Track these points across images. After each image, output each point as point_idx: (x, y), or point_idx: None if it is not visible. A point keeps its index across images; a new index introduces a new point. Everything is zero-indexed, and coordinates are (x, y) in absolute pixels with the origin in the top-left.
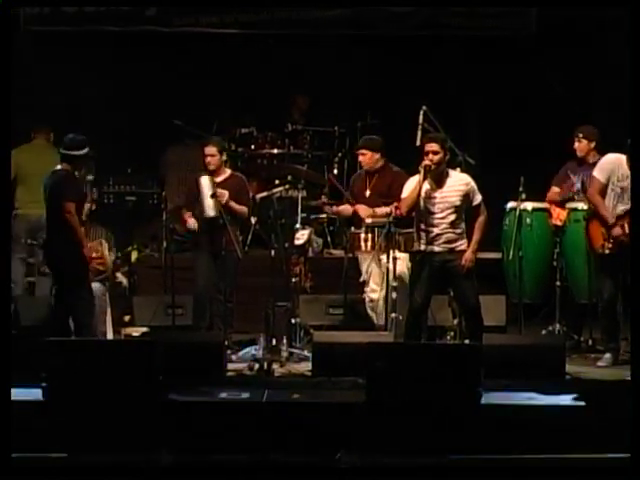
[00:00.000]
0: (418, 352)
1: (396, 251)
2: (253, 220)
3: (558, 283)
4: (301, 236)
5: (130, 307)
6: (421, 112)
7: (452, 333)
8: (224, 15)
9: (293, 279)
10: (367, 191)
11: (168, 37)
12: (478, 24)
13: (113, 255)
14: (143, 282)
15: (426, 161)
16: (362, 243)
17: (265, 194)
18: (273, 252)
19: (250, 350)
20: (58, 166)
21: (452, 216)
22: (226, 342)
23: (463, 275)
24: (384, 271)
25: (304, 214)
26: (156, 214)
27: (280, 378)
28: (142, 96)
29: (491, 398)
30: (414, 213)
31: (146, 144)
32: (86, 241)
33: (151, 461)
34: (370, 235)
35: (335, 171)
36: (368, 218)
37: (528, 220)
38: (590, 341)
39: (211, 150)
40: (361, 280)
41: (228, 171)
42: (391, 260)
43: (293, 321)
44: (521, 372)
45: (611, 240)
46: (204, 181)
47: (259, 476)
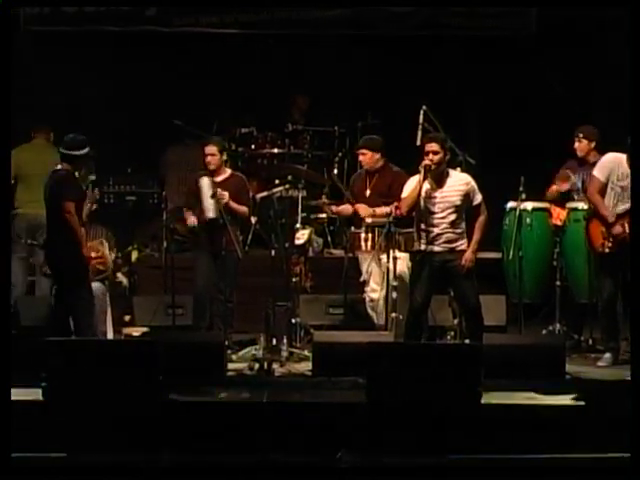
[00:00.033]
0: (418, 352)
1: (396, 251)
2: (253, 220)
3: (558, 283)
4: (301, 236)
5: (130, 307)
6: (421, 112)
7: (452, 333)
8: (224, 15)
9: (293, 279)
10: (367, 191)
11: (168, 37)
12: (478, 24)
13: (113, 255)
14: (143, 282)
15: (426, 161)
16: (362, 243)
17: (265, 194)
18: (273, 252)
19: (250, 350)
20: (58, 166)
21: (452, 216)
22: (226, 342)
23: (463, 275)
24: (384, 271)
25: (304, 214)
26: (156, 214)
27: (280, 378)
28: (142, 96)
29: (491, 398)
30: (414, 213)
31: (146, 144)
32: (85, 241)
33: (151, 461)
34: (370, 235)
35: (335, 171)
36: (368, 218)
37: (528, 220)
38: (590, 341)
39: (211, 150)
40: (361, 280)
41: (228, 171)
42: (391, 260)
43: (293, 321)
44: (521, 372)
45: (611, 239)
46: (204, 182)
47: (259, 476)
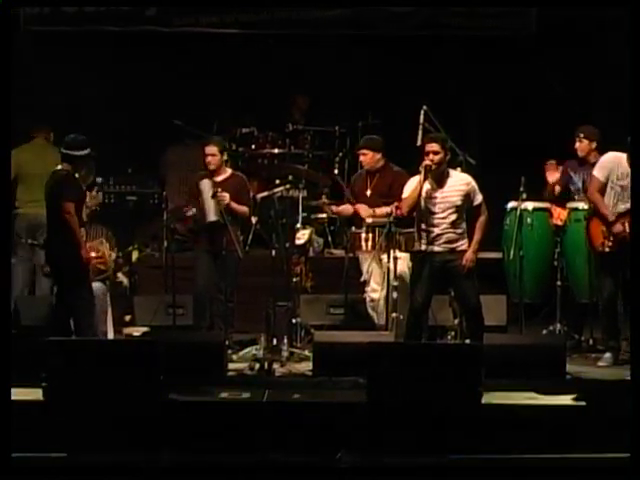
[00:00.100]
0: (419, 352)
1: (397, 251)
2: (254, 220)
3: (559, 283)
4: (302, 236)
5: (131, 307)
6: (422, 112)
7: (453, 333)
8: (224, 15)
9: (294, 279)
10: (368, 191)
11: (168, 37)
12: (478, 24)
13: (114, 255)
14: (144, 282)
15: (427, 161)
16: (363, 243)
17: (266, 194)
18: (274, 252)
19: (251, 350)
20: (59, 166)
21: (453, 216)
22: (227, 342)
23: (464, 275)
24: (385, 271)
25: (305, 214)
26: (157, 214)
27: (281, 378)
28: (142, 96)
29: (491, 398)
30: (415, 213)
31: (146, 144)
32: (85, 241)
33: (151, 461)
34: (371, 235)
35: (336, 171)
36: (369, 218)
37: (529, 220)
38: (591, 341)
39: (211, 150)
40: (362, 280)
41: (229, 171)
42: (392, 260)
43: (294, 321)
44: (521, 372)
45: (611, 238)
46: (204, 185)
47: (259, 476)
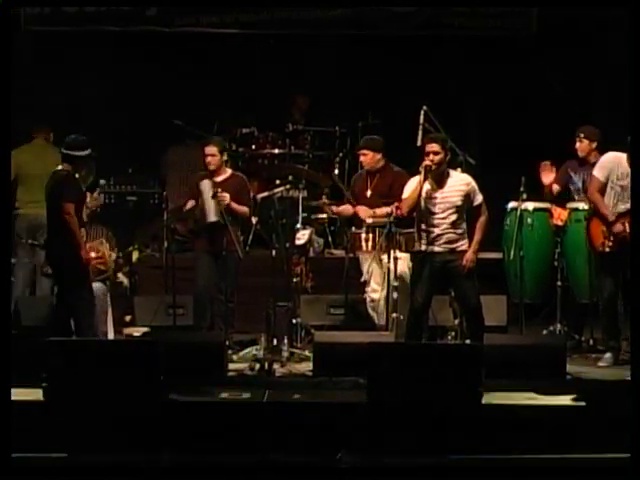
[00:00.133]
0: (419, 352)
1: (397, 251)
2: (254, 220)
3: (559, 283)
4: (302, 236)
5: (131, 307)
6: (422, 112)
7: (453, 333)
8: (224, 15)
9: (294, 279)
10: (368, 191)
11: (168, 37)
12: (479, 24)
13: (114, 255)
14: (144, 282)
15: (427, 161)
16: (363, 243)
17: (266, 194)
18: (274, 252)
19: (251, 350)
20: (59, 166)
21: (453, 216)
22: (227, 342)
23: (464, 275)
24: (385, 271)
25: (305, 214)
26: (157, 214)
27: (281, 378)
28: (142, 96)
29: (491, 398)
30: (415, 213)
31: (147, 144)
32: (84, 242)
33: (151, 461)
34: (371, 235)
35: (336, 171)
36: (369, 218)
37: (529, 220)
38: (591, 341)
39: (211, 150)
40: (362, 280)
41: (229, 171)
42: (392, 260)
43: (294, 321)
44: (522, 372)
45: (611, 238)
46: (204, 185)
47: (260, 476)
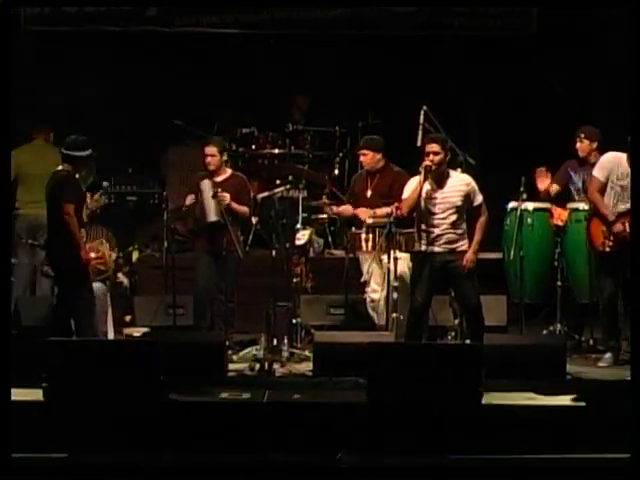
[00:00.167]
0: (419, 352)
1: (397, 251)
2: (254, 220)
3: (559, 283)
4: (302, 236)
5: (131, 307)
6: (422, 112)
7: (453, 333)
8: (224, 15)
9: (294, 279)
10: (368, 191)
11: (168, 37)
12: (479, 24)
13: (114, 255)
14: (144, 282)
15: (427, 162)
16: (363, 243)
17: (266, 194)
18: (274, 252)
19: (251, 350)
20: (59, 167)
21: (453, 216)
22: (227, 342)
23: (464, 275)
24: (385, 271)
25: (305, 214)
26: (157, 214)
27: (281, 378)
28: (142, 96)
29: (492, 398)
30: (415, 213)
31: (147, 144)
32: (84, 242)
33: (151, 461)
34: (371, 235)
35: (336, 171)
36: (369, 219)
37: (529, 220)
38: (591, 341)
39: (211, 150)
40: (362, 280)
41: (229, 171)
42: (392, 260)
43: (294, 321)
44: (521, 372)
45: (612, 238)
46: (204, 185)
47: (260, 476)
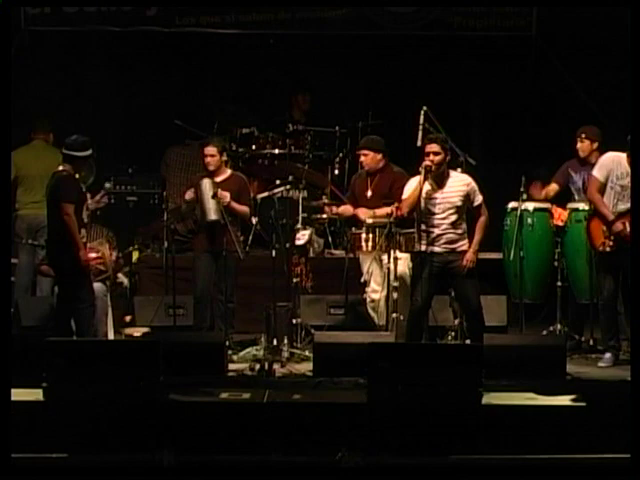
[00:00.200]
0: (419, 352)
1: (397, 251)
2: (254, 220)
3: (559, 283)
4: (302, 236)
5: (131, 307)
6: (422, 112)
7: (453, 333)
8: (225, 15)
9: (294, 279)
10: (368, 192)
11: (169, 37)
12: (479, 24)
13: (114, 255)
14: (144, 282)
15: (427, 162)
16: (363, 243)
17: (266, 194)
18: (274, 252)
19: (251, 350)
20: (60, 167)
21: (453, 217)
22: (227, 342)
23: (464, 275)
24: (385, 271)
25: (305, 214)
26: (157, 214)
27: (281, 378)
28: (142, 96)
29: (491, 398)
30: (415, 214)
31: (147, 144)
32: (82, 243)
33: (152, 461)
34: (371, 235)
35: (336, 171)
36: (369, 219)
37: (529, 220)
38: (591, 341)
39: (210, 150)
40: (362, 280)
41: (228, 171)
42: (392, 260)
43: (294, 321)
44: (521, 372)
45: (612, 238)
46: (204, 184)
47: (260, 476)
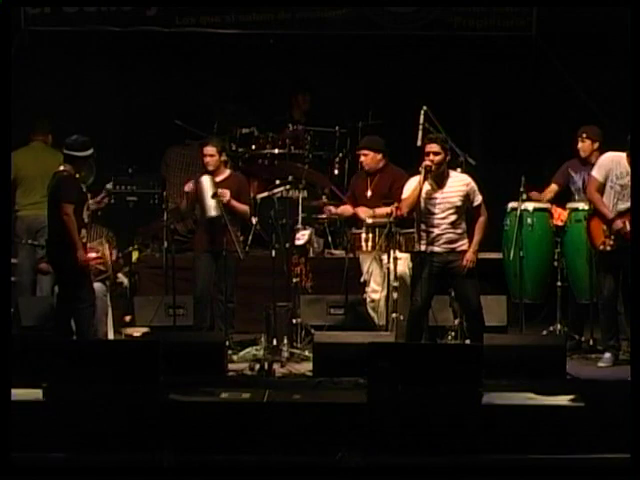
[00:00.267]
0: (419, 352)
1: (397, 251)
2: (254, 220)
3: (559, 283)
4: (302, 236)
5: (131, 307)
6: (422, 112)
7: (453, 333)
8: (225, 15)
9: (294, 279)
10: (368, 191)
11: (169, 37)
12: (479, 24)
13: (114, 255)
14: (144, 282)
15: (427, 162)
16: (363, 243)
17: (266, 194)
18: (274, 252)
19: (251, 350)
20: (61, 167)
21: (453, 216)
22: (227, 342)
23: (464, 275)
24: (385, 271)
25: (305, 214)
26: (157, 214)
27: (281, 378)
28: (142, 96)
29: (491, 398)
30: (415, 213)
31: (147, 144)
32: (82, 243)
33: (152, 461)
34: (371, 235)
35: (336, 171)
36: (369, 218)
37: (529, 220)
38: (591, 341)
39: (209, 150)
40: (362, 280)
41: (228, 171)
42: (392, 260)
43: (294, 321)
44: (521, 372)
45: (612, 237)
46: (204, 182)
47: (260, 476)
